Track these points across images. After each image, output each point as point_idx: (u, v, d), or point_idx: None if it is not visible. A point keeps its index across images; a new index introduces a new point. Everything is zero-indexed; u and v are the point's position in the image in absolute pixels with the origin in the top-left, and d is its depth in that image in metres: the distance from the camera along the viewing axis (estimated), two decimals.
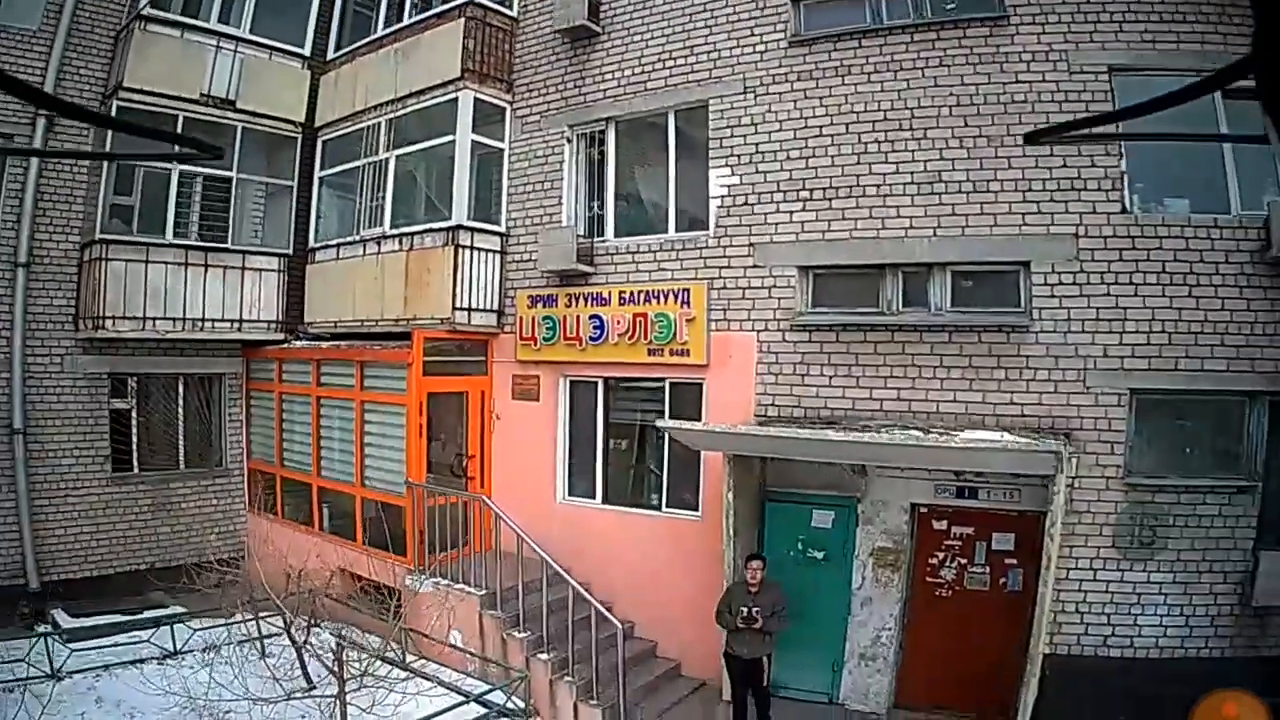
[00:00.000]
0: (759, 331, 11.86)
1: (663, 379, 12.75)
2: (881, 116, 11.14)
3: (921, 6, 11.20)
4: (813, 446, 9.98)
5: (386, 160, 14.66)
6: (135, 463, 15.29)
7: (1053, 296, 10.19)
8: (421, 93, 14.19)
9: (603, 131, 13.63)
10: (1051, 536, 9.00)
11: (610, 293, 13.02)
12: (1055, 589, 9.38)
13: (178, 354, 15.45)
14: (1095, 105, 10.05)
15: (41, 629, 12.57)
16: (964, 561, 10.77)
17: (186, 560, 13.50)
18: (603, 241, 13.41)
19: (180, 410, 15.87)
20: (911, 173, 10.92)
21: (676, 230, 12.85)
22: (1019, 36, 10.42)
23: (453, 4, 14.06)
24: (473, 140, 13.83)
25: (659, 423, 11.38)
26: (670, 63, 12.83)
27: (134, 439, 15.28)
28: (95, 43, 14.45)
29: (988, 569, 10.65)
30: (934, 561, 10.91)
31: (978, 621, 10.53)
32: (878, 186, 11.13)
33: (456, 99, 13.74)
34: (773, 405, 11.74)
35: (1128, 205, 10.04)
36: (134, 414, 15.29)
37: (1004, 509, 10.50)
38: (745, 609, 10.00)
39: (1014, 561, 10.48)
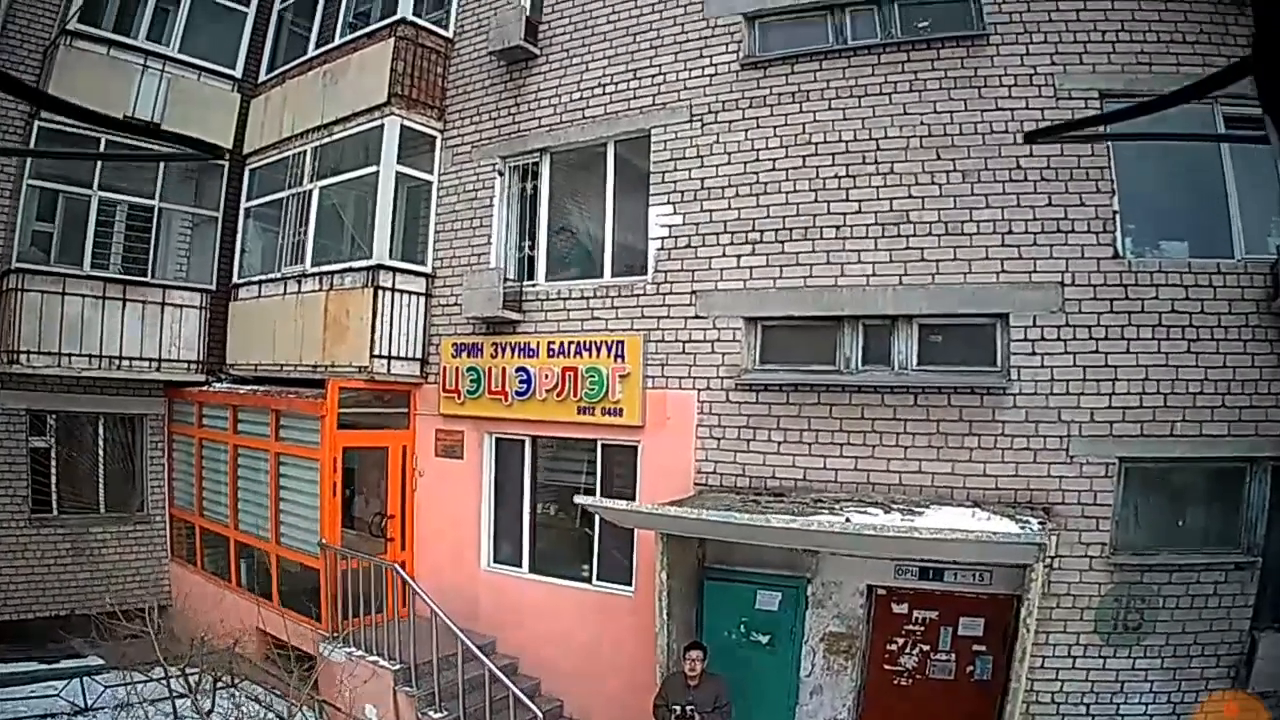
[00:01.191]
0: (700, 390, 10.08)
1: (595, 440, 10.90)
2: (843, 149, 9.44)
3: (890, 25, 9.55)
4: (751, 531, 8.15)
5: (310, 192, 12.72)
6: (55, 504, 13.56)
7: (1034, 354, 8.56)
8: (347, 119, 12.35)
9: (536, 164, 11.74)
10: (1027, 627, 7.40)
11: (539, 343, 11.15)
12: (1029, 678, 7.90)
13: (98, 392, 13.67)
14: (1083, 139, 8.38)
15: None
16: (926, 648, 8.95)
17: (106, 608, 11.68)
18: (533, 286, 11.58)
19: (101, 451, 14.07)
20: (875, 212, 9.24)
21: (613, 274, 11.06)
22: (1000, 58, 8.86)
23: (383, 23, 12.27)
24: (399, 172, 12.03)
25: (578, 499, 9.46)
26: (611, 88, 11.01)
27: (53, 479, 13.55)
28: (24, 58, 12.81)
29: (953, 656, 8.85)
30: (893, 648, 9.07)
31: (941, 713, 8.79)
32: (837, 228, 9.42)
33: (382, 126, 11.90)
34: (714, 473, 9.94)
35: (1120, 249, 8.49)
36: (53, 453, 13.56)
37: (973, 591, 8.73)
38: (681, 705, 8.39)
39: (982, 648, 8.73)
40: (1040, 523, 7.72)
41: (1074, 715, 8.34)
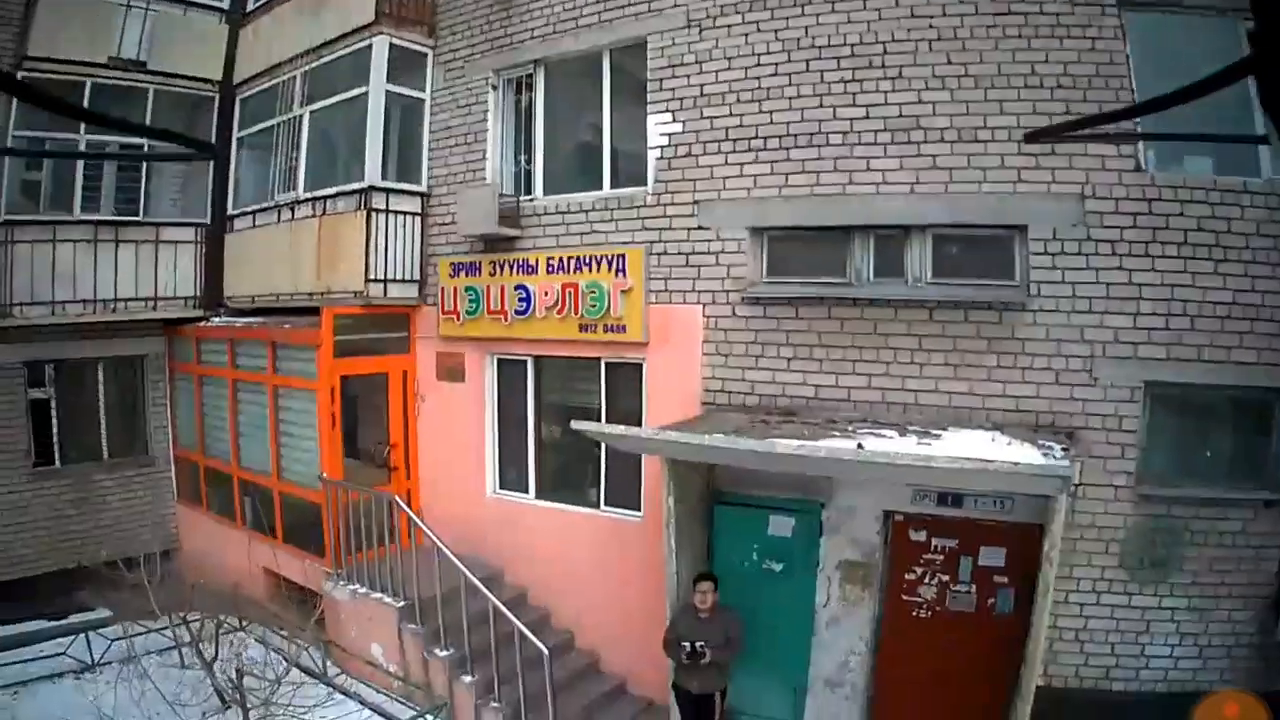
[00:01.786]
0: (705, 305, 9.40)
1: (598, 358, 10.26)
2: (848, 52, 8.58)
3: None
4: (757, 458, 7.41)
5: (300, 117, 12.01)
6: (57, 456, 13.07)
7: (1054, 268, 7.85)
8: (335, 41, 11.56)
9: (530, 76, 10.91)
10: (1050, 560, 6.77)
11: (538, 259, 10.46)
12: (1052, 614, 7.23)
13: (96, 336, 13.07)
14: (1102, 42, 7.77)
15: None
16: (946, 578, 8.29)
17: (111, 558, 11.29)
18: (530, 200, 10.80)
19: (102, 397, 13.55)
20: (884, 118, 8.41)
21: (612, 186, 10.28)
22: None
23: None
24: (391, 91, 11.26)
25: (575, 424, 8.80)
26: None
27: (55, 431, 13.05)
28: (9, 10, 12.03)
29: (974, 588, 8.20)
30: (911, 577, 8.42)
31: (961, 647, 8.12)
32: (844, 134, 8.59)
33: (370, 45, 11.13)
34: (722, 391, 9.32)
35: (1143, 163, 7.71)
36: (53, 404, 13.04)
37: (993, 519, 8.02)
38: (689, 644, 7.85)
39: (1004, 580, 8.07)
40: (1064, 449, 7.08)
41: (1098, 654, 7.83)
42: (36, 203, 12.39)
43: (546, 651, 8.62)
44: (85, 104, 11.81)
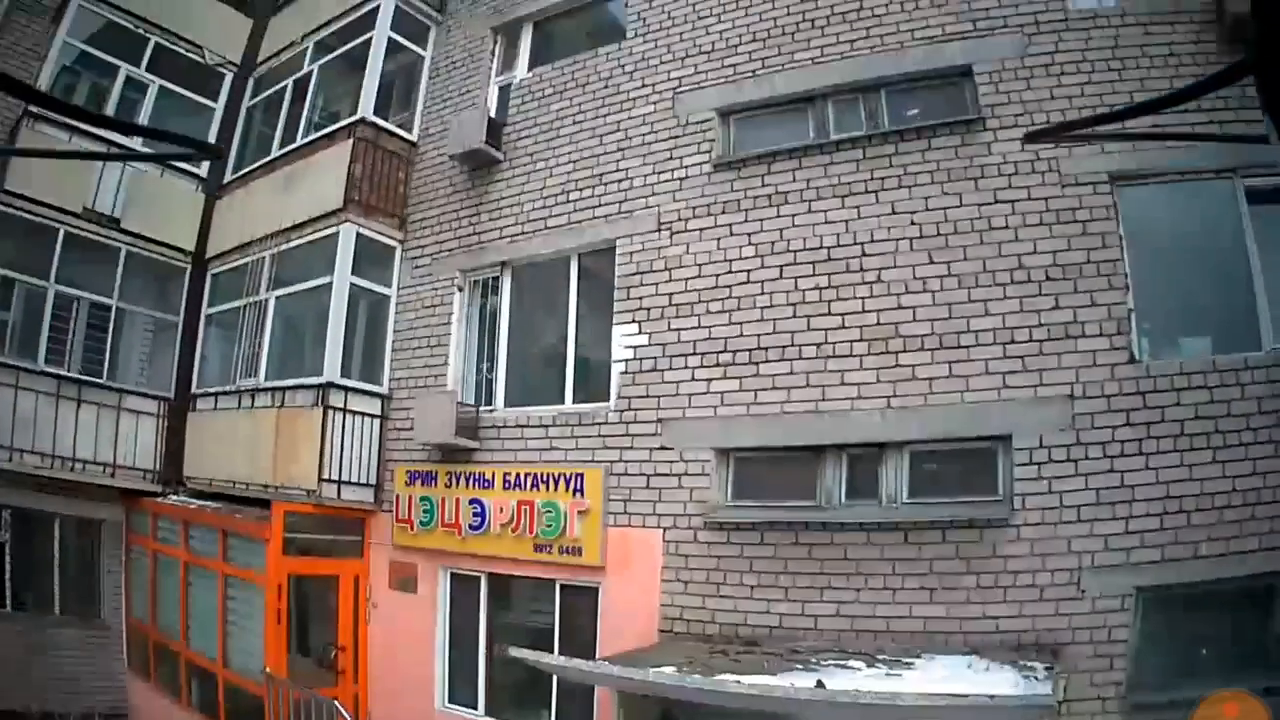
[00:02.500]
0: (666, 529, 8.79)
1: (553, 579, 9.53)
2: (824, 256, 8.35)
3: (877, 115, 8.57)
4: (709, 695, 6.73)
5: (266, 301, 11.65)
6: (9, 599, 12.35)
7: (1040, 478, 7.36)
8: (303, 225, 11.33)
9: (498, 279, 10.67)
10: None
11: (494, 474, 9.93)
12: None
13: (55, 492, 12.40)
14: (1094, 226, 7.54)
15: None
16: None
17: (64, 710, 11.37)
18: (490, 411, 10.38)
19: (58, 552, 12.80)
20: (861, 327, 8.12)
21: (574, 401, 9.88)
22: (997, 145, 7.90)
23: (342, 123, 11.30)
24: (355, 285, 10.98)
25: (512, 650, 8.07)
26: (575, 195, 10.00)
27: (7, 574, 12.31)
28: None
29: None
30: None
31: None
32: (818, 345, 8.26)
33: (337, 234, 10.81)
34: (680, 619, 8.61)
35: (1136, 352, 7.38)
36: (7, 549, 12.34)
37: None
38: None
39: None
40: (1047, 668, 6.59)
41: None
42: (1, 344, 11.95)
43: None
44: (56, 254, 11.68)
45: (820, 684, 6.34)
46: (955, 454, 7.78)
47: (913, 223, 8.00)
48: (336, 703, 9.72)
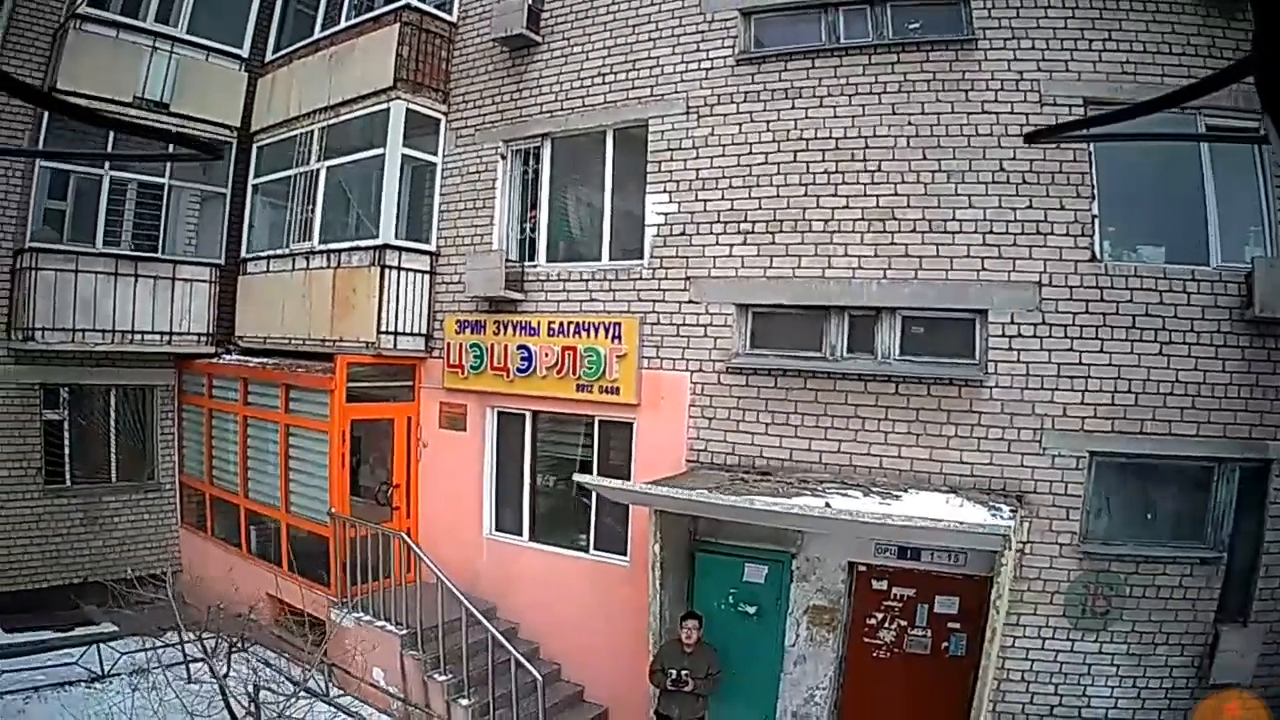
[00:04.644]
0: (693, 372, 10.28)
1: (592, 416, 11.15)
2: (833, 145, 9.54)
3: (882, 26, 9.58)
4: (737, 512, 8.40)
5: (317, 171, 12.85)
6: (68, 475, 13.67)
7: (1010, 349, 8.76)
8: (353, 101, 12.40)
9: (538, 149, 11.85)
10: (997, 609, 7.64)
11: (540, 322, 11.34)
12: (1001, 657, 8.23)
13: (110, 365, 13.71)
14: (1067, 141, 8.55)
15: None
16: (904, 624, 9.22)
17: (120, 575, 12.04)
18: (534, 267, 11.69)
19: (113, 422, 14.18)
20: (863, 208, 9.37)
21: (611, 259, 11.19)
22: (987, 62, 8.94)
23: (389, 8, 12.29)
24: (405, 154, 12.11)
25: (577, 477, 9.83)
26: (610, 78, 11.09)
27: (66, 451, 13.67)
28: (33, 41, 12.75)
29: (929, 632, 9.12)
30: (872, 622, 9.35)
31: (917, 685, 9.07)
32: (825, 221, 9.55)
33: (388, 110, 11.96)
34: (705, 450, 10.20)
35: (1098, 253, 8.64)
36: (66, 425, 13.67)
37: (948, 572, 8.94)
38: (676, 671, 8.79)
39: (957, 626, 8.99)
40: (1012, 510, 7.97)
41: (1043, 695, 8.62)
42: (60, 232, 13.05)
43: (540, 678, 9.60)
44: (110, 142, 12.43)
45: (828, 505, 7.88)
46: (939, 321, 9.13)
47: (909, 123, 9.13)
48: (404, 534, 11.37)
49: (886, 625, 9.29)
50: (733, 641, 9.46)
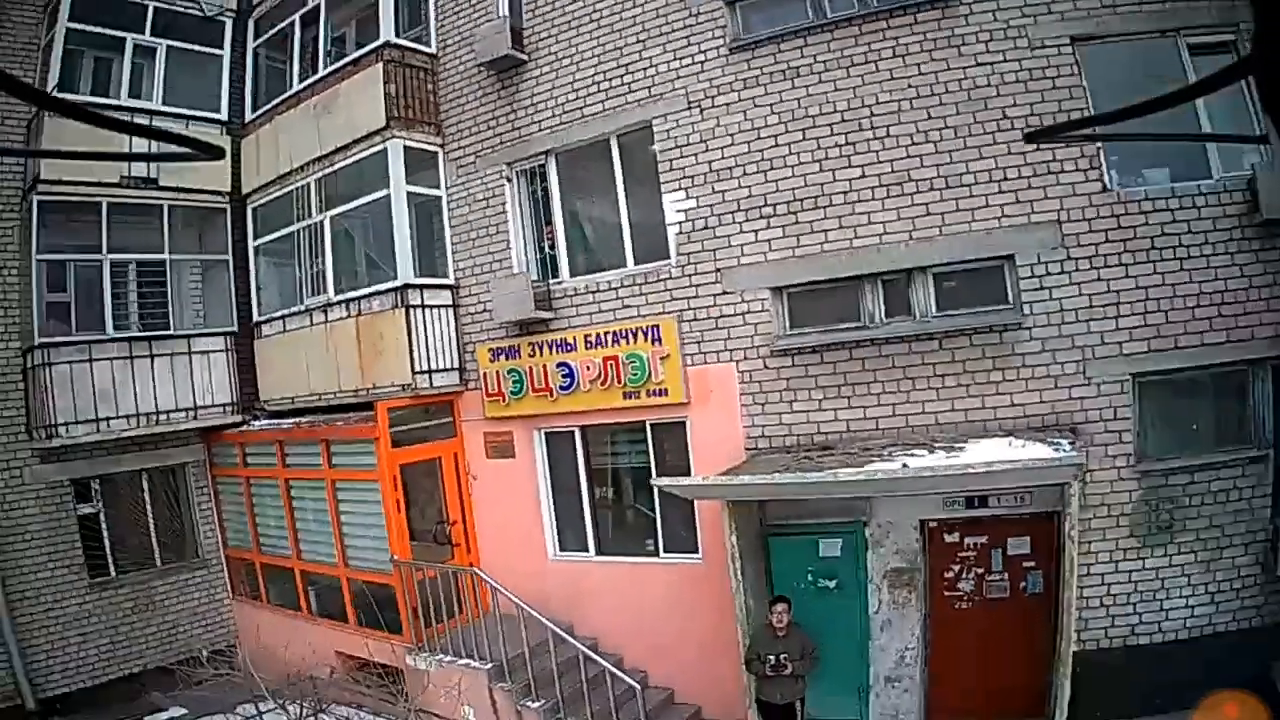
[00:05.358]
0: (738, 361, 11.42)
1: (643, 421, 12.29)
2: (839, 118, 10.72)
3: None
4: (820, 487, 9.48)
5: (321, 223, 14.09)
6: (111, 566, 14.83)
7: (1042, 288, 9.93)
8: (347, 147, 13.64)
9: (543, 166, 13.06)
10: (1071, 539, 8.70)
11: (575, 337, 12.47)
12: (1079, 586, 9.15)
13: (136, 449, 14.86)
14: (1062, 80, 9.81)
15: None
16: (981, 571, 10.40)
17: (177, 657, 13.11)
18: (559, 283, 12.86)
19: (149, 506, 15.35)
20: (879, 175, 10.55)
21: (636, 263, 12.33)
22: (973, 16, 10.10)
23: (368, 49, 13.49)
24: (409, 191, 13.29)
25: (653, 481, 10.94)
26: (606, 85, 12.31)
27: (106, 542, 14.81)
28: (10, 130, 13.98)
29: (1006, 575, 10.30)
30: (950, 575, 10.53)
31: (1002, 628, 10.25)
32: (844, 193, 10.72)
33: (385, 150, 13.19)
34: (762, 436, 11.33)
35: (1108, 183, 9.78)
36: (102, 516, 14.81)
37: (1016, 513, 10.13)
38: (774, 656, 9.78)
39: (1032, 564, 10.16)
40: (1070, 443, 8.97)
41: (1123, 616, 9.77)
42: (67, 324, 13.98)
43: (639, 686, 10.59)
44: (104, 221, 13.69)
45: (905, 466, 8.93)
46: (970, 273, 10.26)
47: (909, 85, 10.26)
48: (477, 569, 12.50)
49: (964, 575, 10.42)
50: (816, 617, 10.48)
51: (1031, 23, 9.88)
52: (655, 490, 11.82)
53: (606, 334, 12.22)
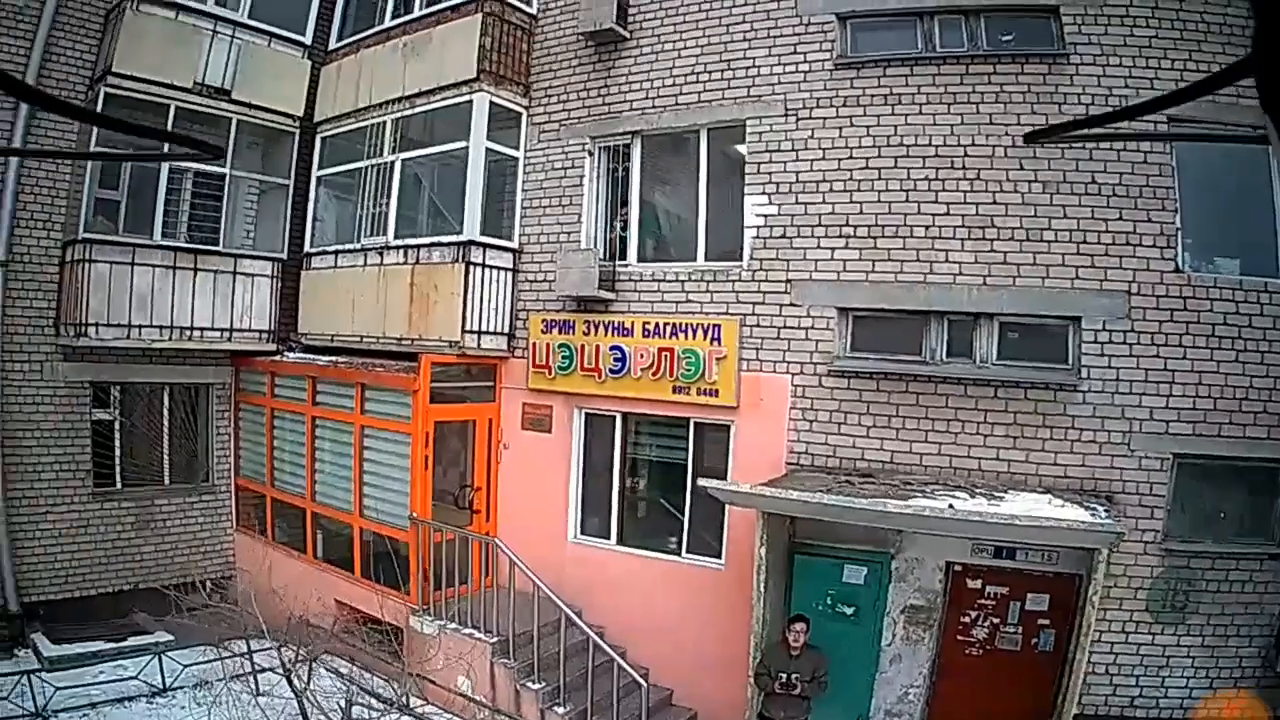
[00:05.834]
0: (794, 375, 12.02)
1: (687, 418, 12.94)
2: (933, 152, 11.28)
3: (977, 36, 11.32)
4: (866, 515, 9.91)
5: (392, 164, 14.68)
6: (118, 477, 15.33)
7: (1102, 355, 10.59)
8: (432, 92, 14.26)
9: (628, 146, 13.69)
10: (1092, 604, 9.36)
11: (634, 323, 13.12)
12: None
13: (163, 362, 15.37)
14: (1153, 156, 10.44)
15: (22, 657, 12.95)
16: (997, 621, 11.11)
17: (171, 581, 13.80)
18: (625, 266, 13.50)
19: (165, 422, 15.87)
20: (962, 215, 11.12)
21: (706, 259, 12.91)
22: (1079, 77, 10.67)
23: None
24: (487, 147, 13.89)
25: (701, 482, 11.20)
26: (704, 77, 12.90)
27: (117, 452, 15.32)
28: (84, 21, 14.37)
29: (1020, 629, 11.01)
30: (966, 620, 11.24)
31: (1007, 680, 10.92)
32: (926, 227, 11.31)
33: (471, 102, 13.77)
34: (805, 453, 11.96)
35: (1180, 264, 10.46)
36: (117, 425, 15.32)
37: (1040, 570, 10.85)
38: (785, 674, 10.33)
39: (1046, 622, 10.86)
40: (1105, 510, 9.59)
41: (1125, 686, 10.45)
42: (114, 222, 14.44)
43: (645, 683, 11.24)
44: (170, 126, 13.98)
45: (952, 507, 9.41)
46: (1035, 328, 10.90)
47: (1007, 133, 10.74)
48: (498, 540, 13.07)
49: (980, 623, 11.16)
50: (829, 641, 10.94)
51: (1134, 95, 10.40)
52: (688, 488, 12.57)
53: (666, 325, 12.89)
